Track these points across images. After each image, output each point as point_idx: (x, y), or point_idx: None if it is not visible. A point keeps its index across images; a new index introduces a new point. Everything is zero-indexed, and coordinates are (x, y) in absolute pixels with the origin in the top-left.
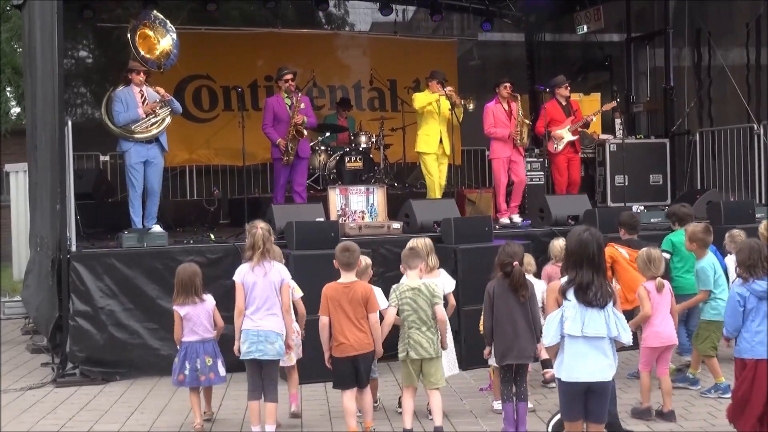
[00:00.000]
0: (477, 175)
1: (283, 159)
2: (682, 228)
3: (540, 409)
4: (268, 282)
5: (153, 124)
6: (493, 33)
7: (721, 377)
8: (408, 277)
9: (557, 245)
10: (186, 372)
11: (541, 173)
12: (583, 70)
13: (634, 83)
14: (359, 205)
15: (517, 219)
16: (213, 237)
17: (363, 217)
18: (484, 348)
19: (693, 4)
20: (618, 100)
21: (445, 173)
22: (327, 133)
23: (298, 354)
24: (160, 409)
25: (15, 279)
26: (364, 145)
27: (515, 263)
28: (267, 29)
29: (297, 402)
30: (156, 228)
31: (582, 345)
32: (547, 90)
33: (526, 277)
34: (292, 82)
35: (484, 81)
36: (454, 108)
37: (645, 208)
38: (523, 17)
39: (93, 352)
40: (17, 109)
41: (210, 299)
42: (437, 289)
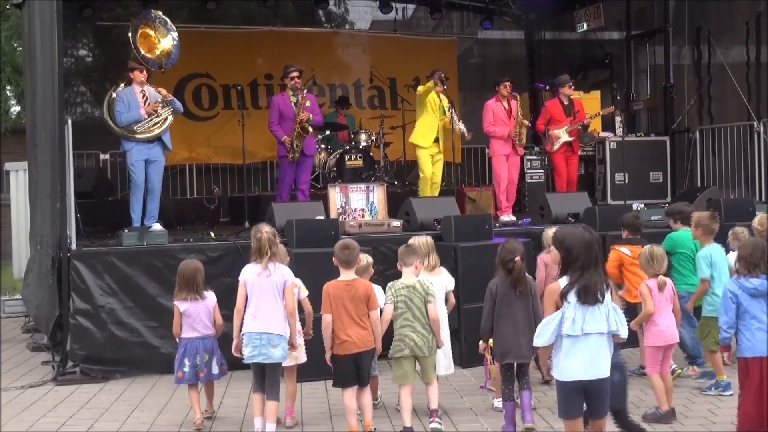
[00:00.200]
0: (477, 173)
1: (288, 156)
2: (685, 226)
3: (540, 406)
4: (271, 284)
5: (155, 124)
6: (493, 31)
7: (723, 375)
8: (404, 274)
9: (550, 234)
10: (185, 369)
11: (541, 171)
12: (583, 68)
13: (634, 81)
14: (359, 203)
15: (505, 218)
16: (213, 235)
17: (363, 216)
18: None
19: (693, 2)
20: (616, 107)
21: (441, 170)
22: (327, 132)
23: (302, 358)
24: (161, 408)
25: (15, 277)
26: (364, 144)
27: (517, 258)
28: (267, 28)
29: (293, 416)
30: (156, 226)
31: (580, 343)
32: (548, 88)
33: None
34: (297, 80)
35: (484, 79)
36: (452, 107)
37: (645, 205)
38: (523, 15)
39: (93, 350)
40: (17, 108)
41: (211, 296)
42: (432, 287)
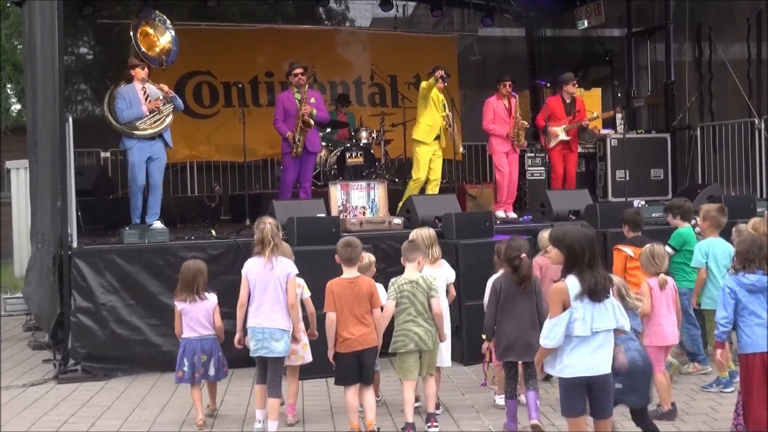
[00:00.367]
0: (478, 170)
1: (291, 152)
2: (684, 222)
3: (541, 404)
4: (274, 277)
5: (156, 121)
6: (494, 28)
7: (725, 372)
8: (407, 269)
9: (545, 236)
10: (184, 369)
11: (542, 168)
12: (584, 66)
13: (635, 78)
14: (360, 200)
15: (500, 213)
16: (214, 233)
17: (364, 213)
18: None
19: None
20: (616, 104)
21: (440, 167)
22: (327, 129)
23: (308, 358)
24: (162, 406)
25: (16, 275)
26: (364, 141)
27: (523, 255)
28: (267, 25)
29: (294, 413)
30: (157, 224)
31: (587, 341)
32: (548, 85)
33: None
34: (301, 77)
35: (484, 76)
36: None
37: (646, 202)
38: (524, 12)
39: (94, 348)
40: (18, 106)
41: (212, 299)
42: (434, 282)
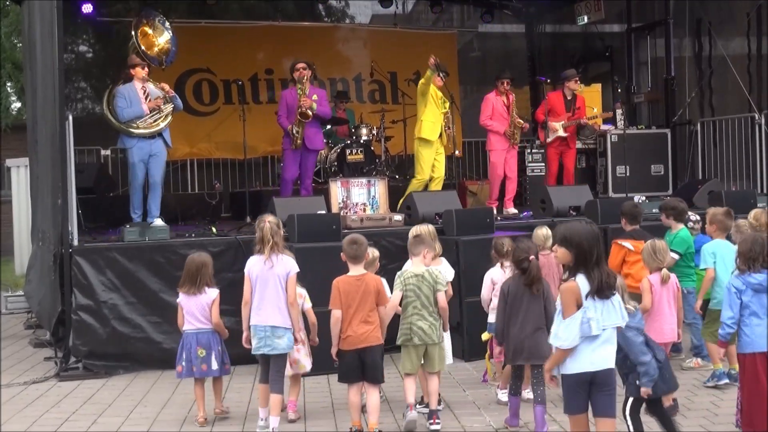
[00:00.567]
0: (478, 166)
1: (291, 145)
2: (678, 223)
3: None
4: (274, 275)
5: (156, 120)
6: (494, 24)
7: (719, 364)
8: (412, 263)
9: (540, 234)
10: (183, 363)
11: (542, 164)
12: (584, 61)
13: (635, 74)
14: (361, 197)
15: (513, 211)
16: (215, 230)
17: (365, 210)
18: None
19: None
20: (616, 100)
21: (443, 163)
22: (327, 126)
23: (308, 366)
24: (164, 403)
25: (17, 273)
26: (365, 138)
27: (531, 257)
28: (267, 23)
29: (295, 409)
30: (158, 222)
31: (593, 338)
32: (548, 81)
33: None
34: (303, 71)
35: (484, 73)
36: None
37: (646, 198)
38: (524, 8)
39: (96, 346)
40: (18, 104)
41: (211, 293)
42: (440, 276)
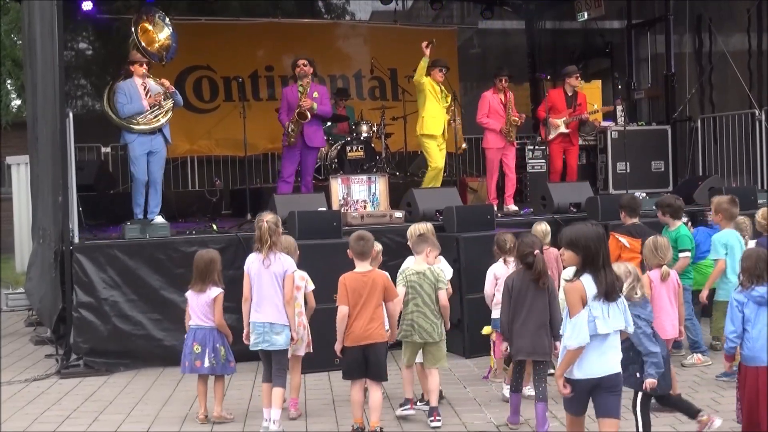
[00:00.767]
0: (479, 163)
1: (287, 142)
2: (674, 219)
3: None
4: (271, 274)
5: (156, 116)
6: (494, 21)
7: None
8: (414, 261)
9: (539, 229)
10: (184, 358)
11: (543, 161)
12: (584, 58)
13: (635, 70)
14: (361, 194)
15: (513, 208)
16: (215, 227)
17: (365, 207)
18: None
19: None
20: (617, 96)
21: (443, 159)
22: (327, 123)
23: (307, 348)
24: (164, 400)
25: (18, 271)
26: (365, 135)
27: (536, 252)
28: (267, 20)
29: (296, 407)
30: (158, 219)
31: (597, 341)
32: (548, 78)
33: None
34: (304, 67)
35: (484, 69)
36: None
37: (647, 194)
38: (524, 5)
39: (97, 343)
40: (18, 102)
41: (213, 291)
42: (442, 275)
